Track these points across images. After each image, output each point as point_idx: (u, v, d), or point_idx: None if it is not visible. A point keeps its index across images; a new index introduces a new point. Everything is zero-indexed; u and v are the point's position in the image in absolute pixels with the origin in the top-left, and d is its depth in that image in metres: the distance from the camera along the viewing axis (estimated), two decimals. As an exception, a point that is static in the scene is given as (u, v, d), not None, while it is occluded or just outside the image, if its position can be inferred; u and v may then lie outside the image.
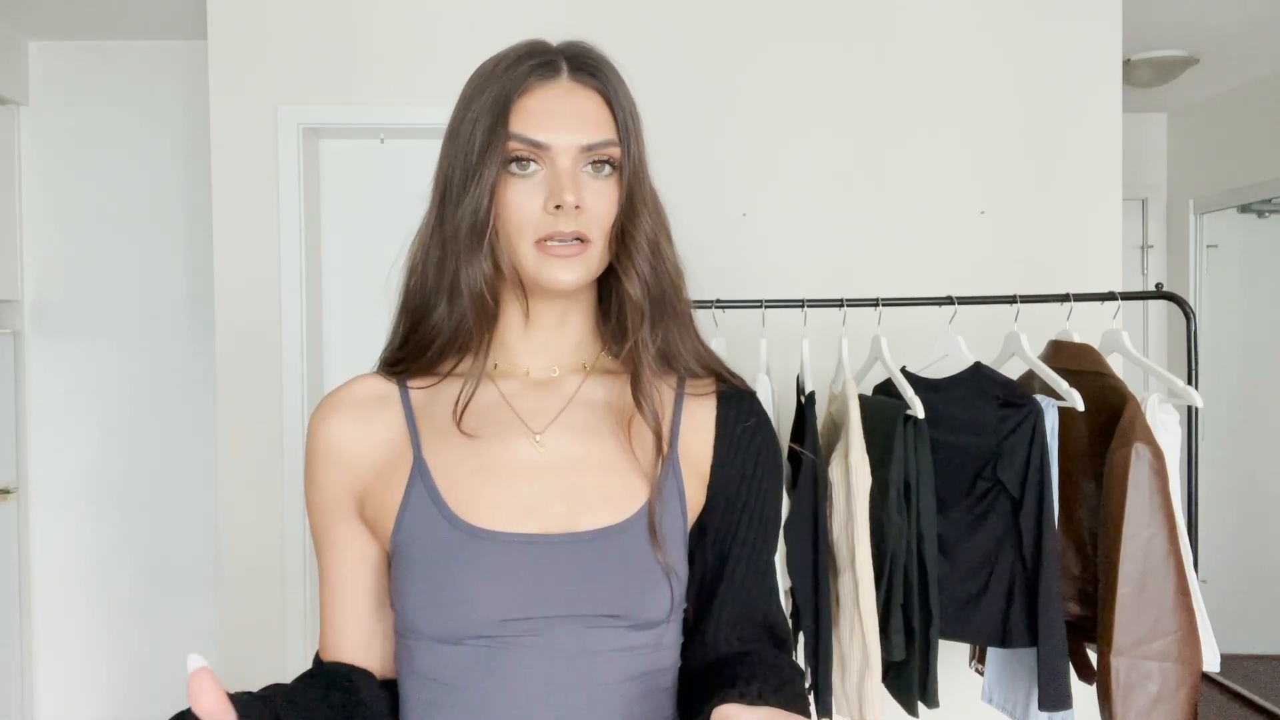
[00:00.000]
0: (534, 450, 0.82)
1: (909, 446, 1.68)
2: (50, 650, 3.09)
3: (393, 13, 2.65)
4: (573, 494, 0.80)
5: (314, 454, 0.85)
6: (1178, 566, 1.59)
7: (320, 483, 0.85)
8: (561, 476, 0.81)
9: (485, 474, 0.81)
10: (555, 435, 0.83)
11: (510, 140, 0.80)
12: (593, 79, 0.86)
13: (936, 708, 1.71)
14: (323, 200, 2.84)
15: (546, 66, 0.84)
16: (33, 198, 3.05)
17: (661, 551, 0.79)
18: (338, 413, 0.85)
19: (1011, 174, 2.65)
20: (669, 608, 0.80)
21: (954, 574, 1.73)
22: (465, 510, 0.79)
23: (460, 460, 0.81)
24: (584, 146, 0.81)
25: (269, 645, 2.67)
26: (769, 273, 2.62)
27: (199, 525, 3.08)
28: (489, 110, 0.82)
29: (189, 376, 3.08)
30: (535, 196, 0.80)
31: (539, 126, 0.80)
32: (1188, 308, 1.92)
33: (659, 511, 0.80)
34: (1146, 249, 4.09)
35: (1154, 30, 3.05)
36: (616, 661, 0.79)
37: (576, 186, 0.79)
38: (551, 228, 0.79)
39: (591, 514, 0.80)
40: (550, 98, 0.82)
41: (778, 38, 2.64)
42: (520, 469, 0.81)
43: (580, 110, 0.82)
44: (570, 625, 0.77)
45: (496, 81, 0.83)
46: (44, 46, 3.03)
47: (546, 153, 0.80)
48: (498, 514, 0.79)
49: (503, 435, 0.83)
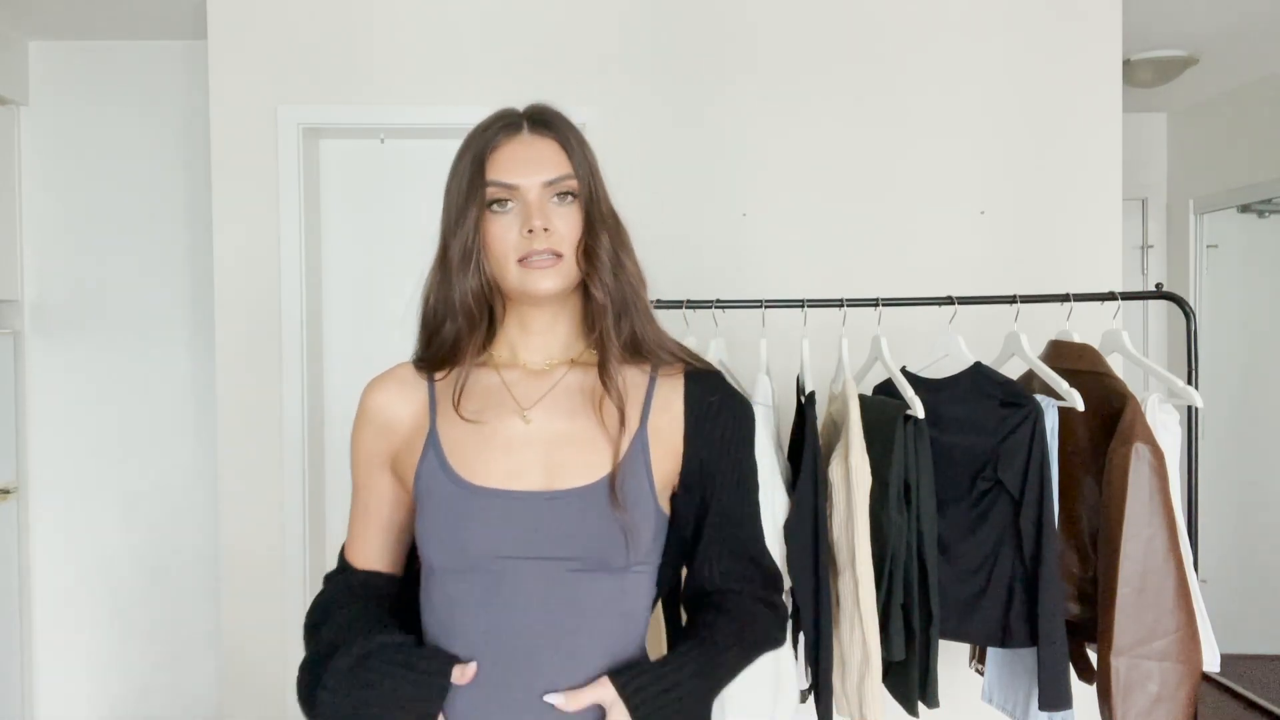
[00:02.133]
0: (523, 425, 1.03)
1: (909, 446, 1.68)
2: (50, 650, 3.09)
3: (393, 13, 2.65)
4: (551, 461, 1.01)
5: (361, 417, 1.10)
6: (1178, 566, 1.59)
7: (363, 440, 1.10)
8: (543, 447, 1.02)
9: (483, 443, 1.02)
10: (540, 414, 1.04)
11: (488, 186, 1.02)
12: (549, 129, 1.05)
13: (936, 707, 1.71)
14: (323, 200, 2.84)
15: (511, 126, 1.05)
16: (33, 198, 3.05)
17: (622, 511, 0.98)
18: (382, 389, 1.10)
19: (1011, 174, 2.65)
20: (625, 559, 0.99)
21: (954, 574, 1.73)
22: (466, 471, 1.01)
23: (465, 432, 1.03)
24: (546, 182, 1.02)
25: (269, 645, 2.67)
26: (769, 273, 2.62)
27: (199, 525, 3.07)
28: (469, 166, 1.04)
29: (189, 376, 3.08)
30: (513, 227, 1.01)
31: (508, 172, 1.02)
32: (1188, 308, 1.92)
33: (622, 479, 0.99)
34: (1146, 249, 4.09)
35: (1154, 30, 3.05)
36: (587, 598, 0.98)
37: (544, 214, 1.01)
38: (528, 248, 1.00)
39: (566, 477, 1.00)
40: (516, 149, 1.03)
41: (778, 39, 2.64)
42: (511, 440, 1.03)
43: (540, 155, 1.03)
44: (549, 565, 0.98)
45: (474, 144, 1.05)
46: (44, 46, 3.03)
47: (517, 191, 1.02)
48: (490, 474, 1.00)
49: (500, 413, 1.04)
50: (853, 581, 1.65)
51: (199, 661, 3.09)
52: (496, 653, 0.97)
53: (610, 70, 2.64)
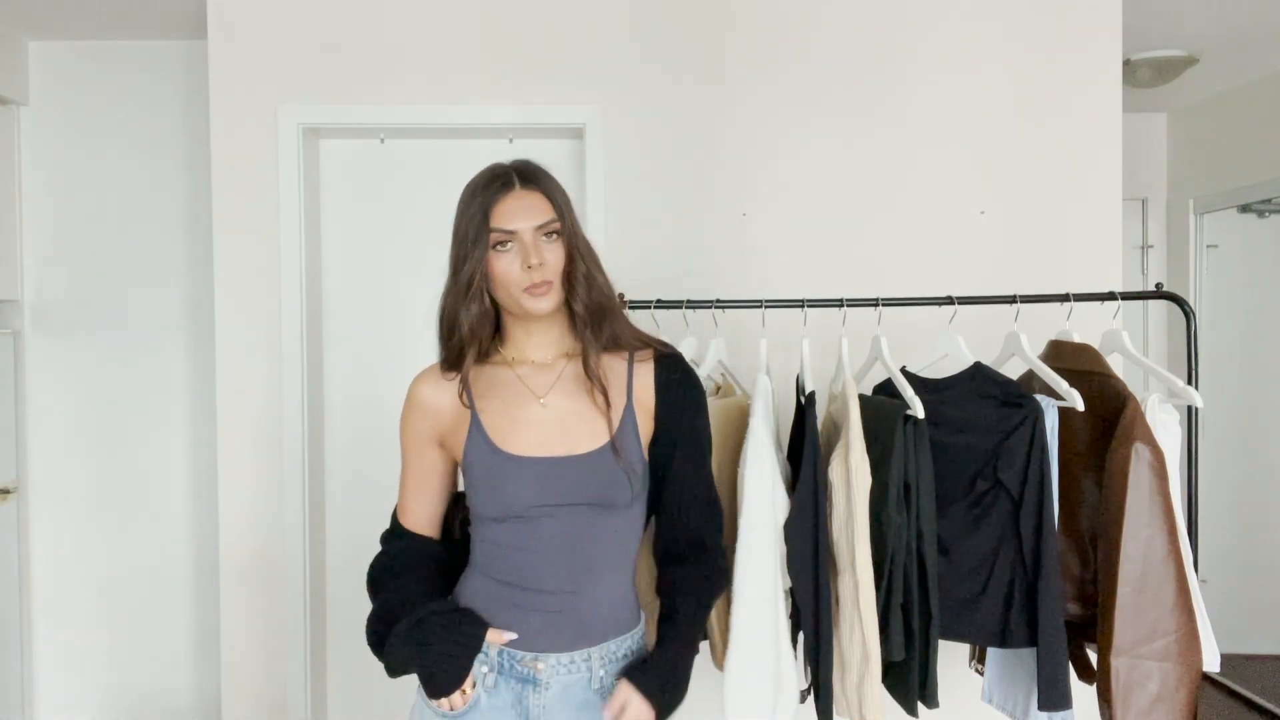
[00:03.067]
0: (540, 409, 1.37)
1: (909, 446, 1.68)
2: (50, 649, 3.10)
3: (393, 13, 2.65)
4: (566, 433, 1.36)
5: (410, 405, 1.42)
6: (1178, 566, 1.59)
7: (413, 422, 1.42)
8: (558, 422, 1.36)
9: (514, 423, 1.36)
10: (552, 399, 1.38)
11: (493, 232, 1.32)
12: (535, 184, 1.36)
13: (936, 708, 1.71)
14: (323, 200, 2.84)
15: (506, 183, 1.35)
16: (33, 197, 3.05)
17: (622, 461, 1.34)
18: (425, 383, 1.42)
19: (1011, 174, 2.65)
20: (628, 497, 1.35)
21: (954, 574, 1.73)
22: (504, 444, 1.35)
23: (498, 415, 1.37)
24: (537, 226, 1.33)
25: (269, 645, 2.68)
26: (769, 273, 2.63)
27: (199, 524, 3.08)
28: (477, 215, 1.33)
29: (189, 376, 3.08)
30: (514, 262, 1.33)
31: (509, 220, 1.33)
32: (1188, 308, 1.92)
33: (620, 442, 1.35)
34: (1146, 249, 4.10)
35: (1154, 30, 3.05)
36: (601, 532, 1.35)
37: (539, 251, 1.32)
38: (530, 280, 1.32)
39: (579, 445, 1.35)
40: (512, 202, 1.34)
41: (779, 39, 2.64)
42: (533, 420, 1.37)
43: (531, 206, 1.34)
44: (571, 509, 1.33)
45: (479, 196, 1.34)
46: (44, 46, 3.03)
47: (515, 235, 1.33)
48: (523, 446, 1.35)
49: (520, 398, 1.38)
50: (853, 582, 1.65)
51: (198, 661, 3.09)
52: (529, 577, 1.33)
53: (610, 70, 2.64)
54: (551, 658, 1.34)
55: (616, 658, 1.38)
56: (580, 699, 1.35)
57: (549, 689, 1.34)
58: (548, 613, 1.34)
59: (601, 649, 1.36)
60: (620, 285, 2.24)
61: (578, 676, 1.35)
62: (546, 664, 1.34)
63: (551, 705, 1.34)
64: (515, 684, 1.35)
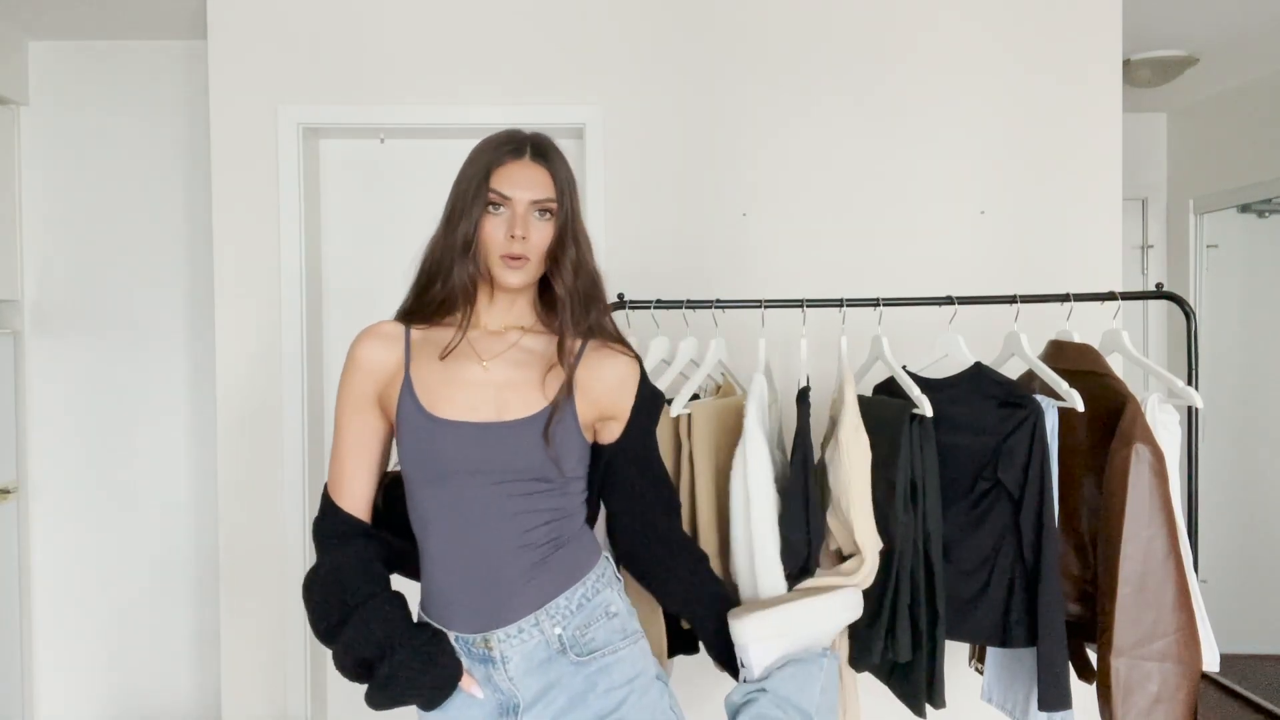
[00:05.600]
0: (481, 372, 1.34)
1: (914, 446, 1.68)
2: (50, 650, 3.10)
3: (393, 13, 2.65)
4: (500, 400, 1.32)
5: (352, 365, 1.39)
6: (1178, 566, 1.59)
7: (353, 383, 1.39)
8: (494, 389, 1.33)
9: (449, 385, 1.33)
10: (496, 365, 1.35)
11: (490, 192, 1.31)
12: (544, 160, 1.34)
13: (943, 707, 1.71)
14: (323, 200, 2.84)
15: (516, 150, 1.34)
16: (33, 198, 3.05)
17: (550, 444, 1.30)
18: (369, 341, 1.39)
19: (1011, 174, 2.65)
20: (555, 472, 1.32)
21: (954, 573, 1.73)
22: (434, 407, 1.31)
23: (434, 376, 1.34)
24: (532, 200, 1.32)
25: (269, 645, 2.68)
26: (769, 273, 2.62)
27: (199, 524, 3.08)
28: (479, 172, 1.32)
29: (189, 376, 3.08)
30: (500, 227, 1.32)
31: (507, 186, 1.32)
32: (1188, 308, 1.92)
33: (555, 421, 1.30)
34: (1146, 249, 4.09)
35: (1154, 30, 3.05)
36: (531, 502, 1.31)
37: (526, 225, 1.31)
38: (508, 249, 1.31)
39: (511, 411, 1.31)
40: (516, 169, 1.32)
41: (780, 39, 2.64)
42: (470, 382, 1.33)
43: (532, 179, 1.32)
44: (499, 476, 1.30)
45: (487, 154, 1.34)
46: (44, 46, 3.03)
47: (509, 202, 1.32)
48: (454, 409, 1.31)
49: (463, 362, 1.35)
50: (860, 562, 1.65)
51: (199, 661, 3.09)
52: (459, 546, 1.31)
53: (610, 70, 2.64)
54: (499, 633, 1.31)
55: (570, 611, 1.33)
56: (543, 657, 1.32)
57: (510, 662, 1.32)
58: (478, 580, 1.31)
59: (550, 608, 1.32)
60: (620, 285, 2.25)
61: (533, 643, 1.32)
62: (495, 640, 1.31)
63: (518, 676, 1.32)
64: (479, 665, 1.33)
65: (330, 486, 1.39)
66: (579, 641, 1.33)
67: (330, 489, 1.39)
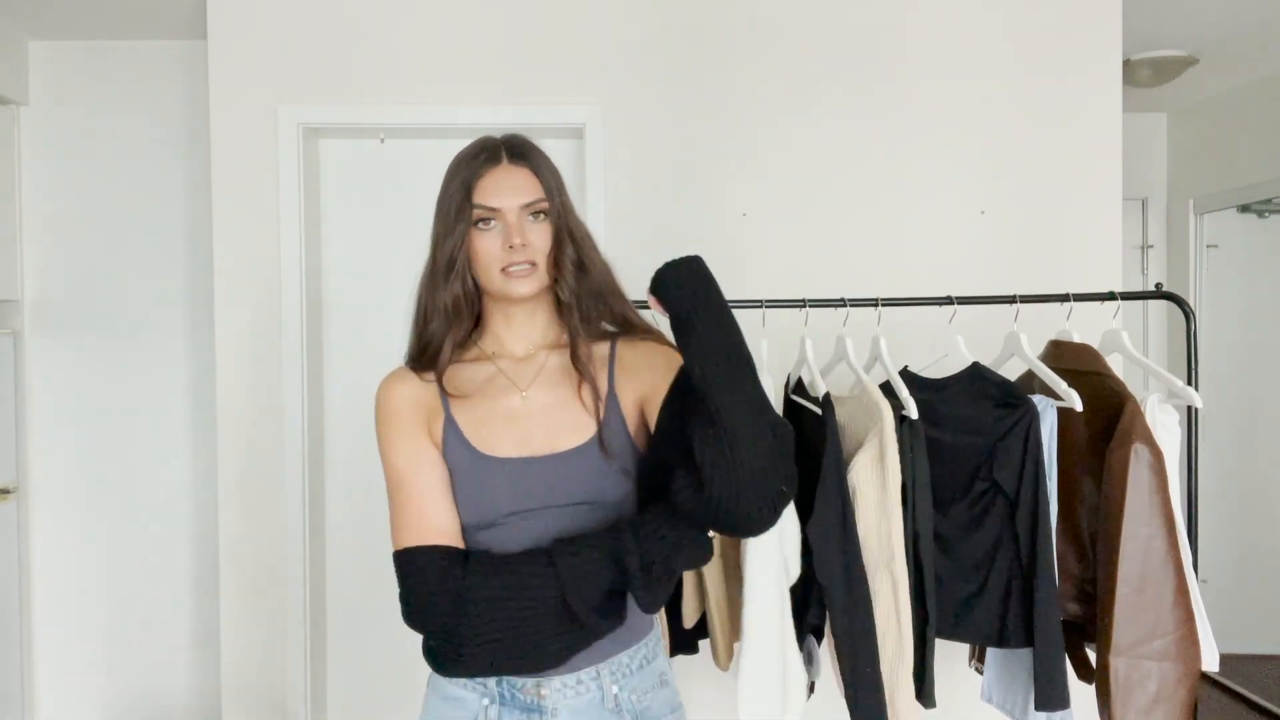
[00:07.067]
0: (522, 402, 1.24)
1: (905, 446, 1.67)
2: (50, 650, 3.10)
3: (393, 13, 2.65)
4: (547, 428, 1.21)
5: (392, 402, 1.23)
6: (1177, 566, 1.59)
7: (398, 419, 1.22)
8: (540, 417, 1.22)
9: (493, 418, 1.22)
10: (534, 391, 1.24)
11: (475, 209, 1.21)
12: (524, 160, 1.24)
13: (933, 708, 1.71)
14: (323, 200, 2.84)
15: (492, 157, 1.23)
16: (33, 197, 3.05)
17: (612, 459, 1.19)
18: (399, 381, 1.26)
19: (1011, 174, 2.65)
20: (621, 491, 1.21)
21: (954, 573, 1.73)
22: (482, 445, 1.20)
23: (476, 412, 1.22)
24: (523, 205, 1.21)
25: (269, 645, 2.68)
26: (769, 273, 2.62)
27: (199, 524, 3.08)
28: (459, 190, 1.22)
29: (189, 376, 3.08)
30: (496, 241, 1.21)
31: (492, 197, 1.21)
32: (1188, 308, 1.92)
33: (606, 436, 1.20)
34: (1146, 249, 4.09)
35: (1154, 30, 3.05)
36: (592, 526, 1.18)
37: (522, 231, 1.20)
38: (509, 259, 1.20)
39: (561, 440, 1.20)
40: (498, 177, 1.22)
41: (780, 38, 2.64)
42: (514, 413, 1.23)
43: (517, 183, 1.22)
44: (555, 511, 1.18)
45: (463, 171, 1.23)
46: (44, 46, 3.03)
47: (498, 213, 1.21)
48: (505, 445, 1.20)
49: (502, 392, 1.24)
50: (890, 579, 1.63)
51: (198, 661, 3.09)
52: None
53: (610, 70, 2.64)
54: (556, 680, 1.19)
55: (630, 670, 1.23)
56: (594, 716, 1.21)
57: (558, 715, 1.19)
58: None
59: (612, 663, 1.22)
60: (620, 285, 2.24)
61: (589, 698, 1.21)
62: (551, 689, 1.19)
63: None
64: (519, 715, 1.20)
65: (404, 538, 1.17)
66: (634, 706, 1.23)
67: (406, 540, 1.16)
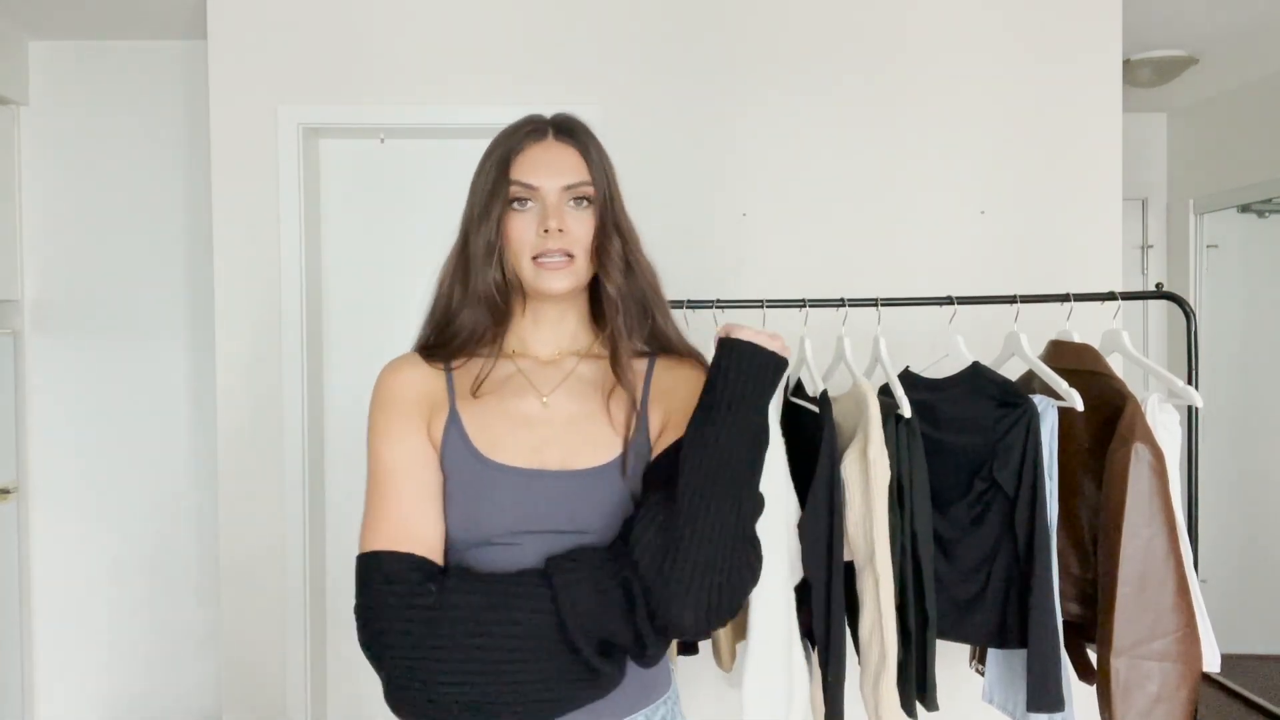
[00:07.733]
0: (541, 408, 1.08)
1: (900, 446, 1.67)
2: (50, 650, 3.09)
3: (393, 13, 2.65)
4: (567, 441, 1.06)
5: (393, 388, 1.08)
6: (1177, 566, 1.58)
7: (393, 407, 1.06)
8: (560, 427, 1.07)
9: (505, 422, 1.06)
10: (557, 398, 1.09)
11: (511, 185, 1.07)
12: (571, 138, 1.11)
13: (935, 710, 1.71)
14: (323, 200, 2.84)
15: (537, 131, 1.11)
16: (33, 198, 3.05)
17: (631, 481, 1.04)
18: (404, 365, 1.11)
19: (1011, 174, 2.65)
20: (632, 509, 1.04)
21: (954, 574, 1.72)
22: (486, 449, 1.04)
23: (486, 413, 1.07)
24: (565, 186, 1.07)
25: (269, 645, 2.67)
26: (769, 273, 2.62)
27: (199, 524, 3.08)
28: (496, 165, 1.09)
29: (189, 376, 3.08)
30: (530, 225, 1.07)
31: (531, 173, 1.07)
32: (1188, 308, 1.92)
33: (631, 458, 1.05)
34: (1146, 249, 4.09)
35: (1154, 30, 3.05)
36: None
37: (561, 216, 1.06)
38: (543, 247, 1.06)
39: (581, 457, 1.05)
40: (539, 153, 1.09)
41: (780, 39, 2.64)
42: (530, 419, 1.07)
43: (561, 161, 1.08)
44: (557, 536, 1.01)
45: (502, 144, 1.10)
46: (44, 46, 3.03)
47: (537, 192, 1.07)
48: (513, 453, 1.04)
49: (519, 395, 1.09)
50: (873, 578, 1.63)
51: (198, 662, 3.09)
52: None
53: (611, 70, 2.64)
54: None
55: None
56: None
57: None
58: None
59: None
60: (620, 285, 2.24)
61: None
62: None
63: None
64: None
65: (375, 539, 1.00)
66: None
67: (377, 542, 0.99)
